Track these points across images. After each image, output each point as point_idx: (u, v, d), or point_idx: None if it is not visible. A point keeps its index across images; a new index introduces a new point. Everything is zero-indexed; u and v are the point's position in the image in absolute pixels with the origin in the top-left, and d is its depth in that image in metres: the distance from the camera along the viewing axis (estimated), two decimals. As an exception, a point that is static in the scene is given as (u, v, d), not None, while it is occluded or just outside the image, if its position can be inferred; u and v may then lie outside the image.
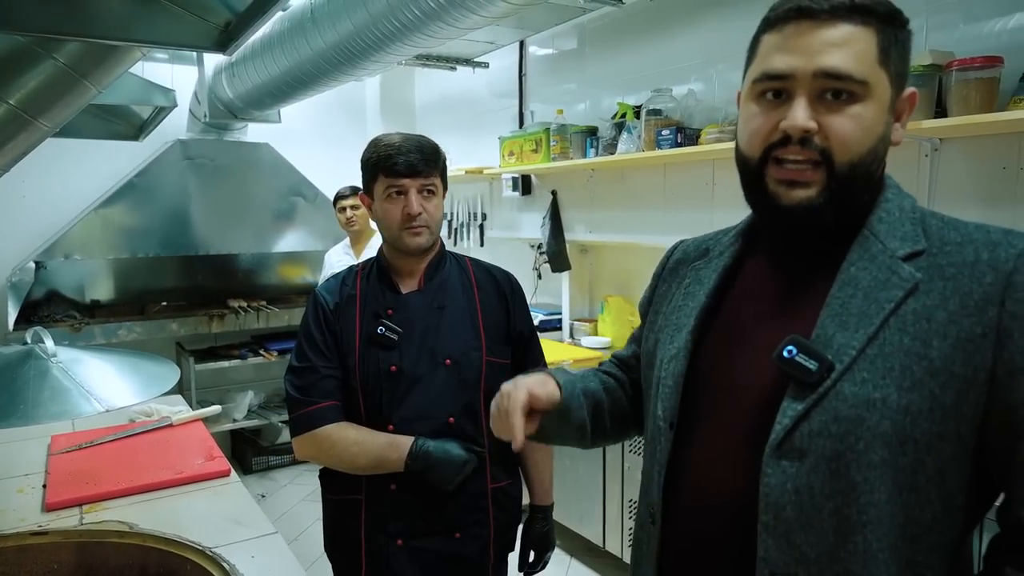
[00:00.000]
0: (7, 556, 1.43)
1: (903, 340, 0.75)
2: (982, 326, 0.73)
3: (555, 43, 3.80)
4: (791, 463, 0.77)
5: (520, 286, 1.71)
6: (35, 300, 4.00)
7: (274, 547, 1.39)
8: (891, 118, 0.81)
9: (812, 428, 0.76)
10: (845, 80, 0.76)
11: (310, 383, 1.54)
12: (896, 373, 0.74)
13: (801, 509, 0.77)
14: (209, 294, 4.40)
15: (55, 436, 2.02)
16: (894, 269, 0.78)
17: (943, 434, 0.74)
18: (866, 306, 0.77)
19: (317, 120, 4.77)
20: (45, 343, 2.10)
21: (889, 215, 0.82)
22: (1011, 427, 0.73)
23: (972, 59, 1.94)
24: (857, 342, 0.76)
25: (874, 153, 0.79)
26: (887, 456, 0.74)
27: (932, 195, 2.24)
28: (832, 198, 0.79)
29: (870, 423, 0.74)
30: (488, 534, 1.59)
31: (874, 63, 0.77)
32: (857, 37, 0.76)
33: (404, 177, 1.49)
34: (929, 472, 0.75)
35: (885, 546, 0.75)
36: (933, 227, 0.81)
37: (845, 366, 0.76)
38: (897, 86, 0.80)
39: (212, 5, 1.58)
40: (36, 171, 4.00)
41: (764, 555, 0.79)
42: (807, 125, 0.77)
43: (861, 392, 0.75)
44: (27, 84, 1.52)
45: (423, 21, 2.14)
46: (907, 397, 0.74)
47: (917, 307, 0.76)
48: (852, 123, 0.77)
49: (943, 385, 0.74)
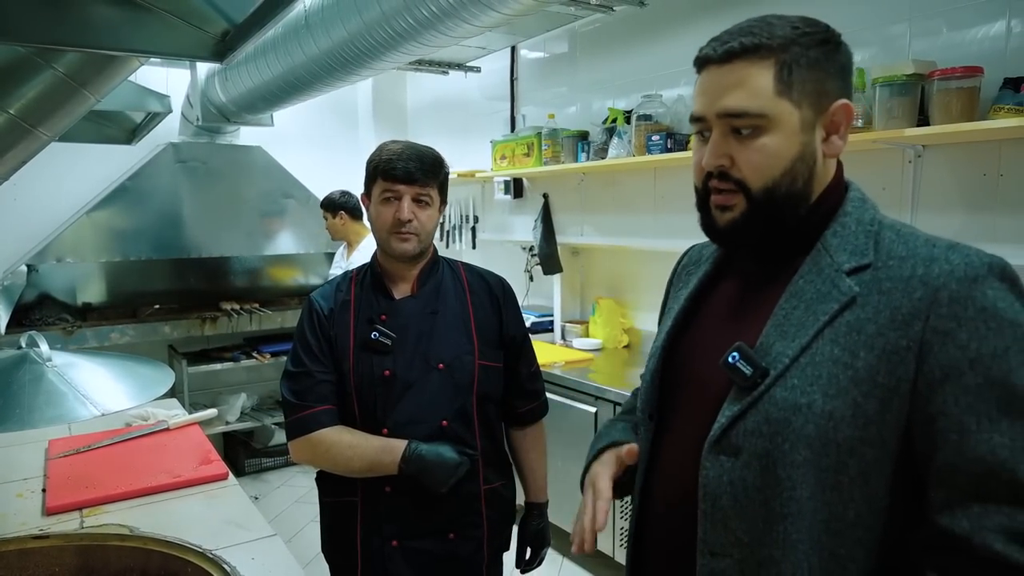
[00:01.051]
0: (9, 560, 1.45)
1: (833, 350, 0.81)
2: (907, 339, 0.78)
3: (547, 47, 3.84)
4: (728, 458, 0.85)
5: (512, 291, 1.74)
6: (27, 303, 3.99)
7: (274, 549, 1.41)
8: (812, 136, 0.85)
9: (747, 428, 0.84)
10: (744, 117, 0.84)
11: (306, 388, 1.57)
12: (823, 381, 0.80)
13: (735, 499, 0.85)
14: (202, 297, 4.40)
15: (52, 440, 2.04)
16: (836, 283, 0.83)
17: (865, 439, 0.79)
18: (805, 317, 0.83)
19: (309, 123, 4.79)
20: (40, 347, 2.12)
21: (844, 228, 0.87)
22: (930, 437, 0.77)
23: (953, 69, 2.00)
24: (792, 351, 0.82)
25: (791, 174, 0.85)
26: (810, 456, 0.80)
27: (915, 200, 2.29)
28: (753, 218, 0.87)
29: (795, 426, 0.81)
30: (482, 534, 1.62)
31: (771, 95, 0.83)
32: (752, 75, 0.83)
33: (399, 183, 1.52)
34: (852, 474, 0.80)
35: (805, 537, 0.81)
36: (885, 240, 0.85)
37: (778, 373, 0.83)
38: (813, 105, 0.84)
39: (210, 16, 1.60)
40: (28, 174, 3.97)
41: (703, 537, 0.87)
42: (710, 166, 0.87)
43: (790, 397, 0.81)
44: (27, 94, 1.54)
45: (417, 30, 2.17)
46: (831, 404, 0.79)
47: (851, 319, 0.81)
48: (758, 154, 0.84)
49: (866, 394, 0.79)
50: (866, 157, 2.40)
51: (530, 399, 1.72)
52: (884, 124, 2.12)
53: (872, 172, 2.40)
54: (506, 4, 1.97)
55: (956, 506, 0.75)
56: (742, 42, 0.84)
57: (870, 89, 2.17)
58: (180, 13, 1.58)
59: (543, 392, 1.76)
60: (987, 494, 0.74)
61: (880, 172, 2.38)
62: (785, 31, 0.83)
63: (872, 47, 2.39)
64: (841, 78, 0.87)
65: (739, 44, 0.84)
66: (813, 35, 0.84)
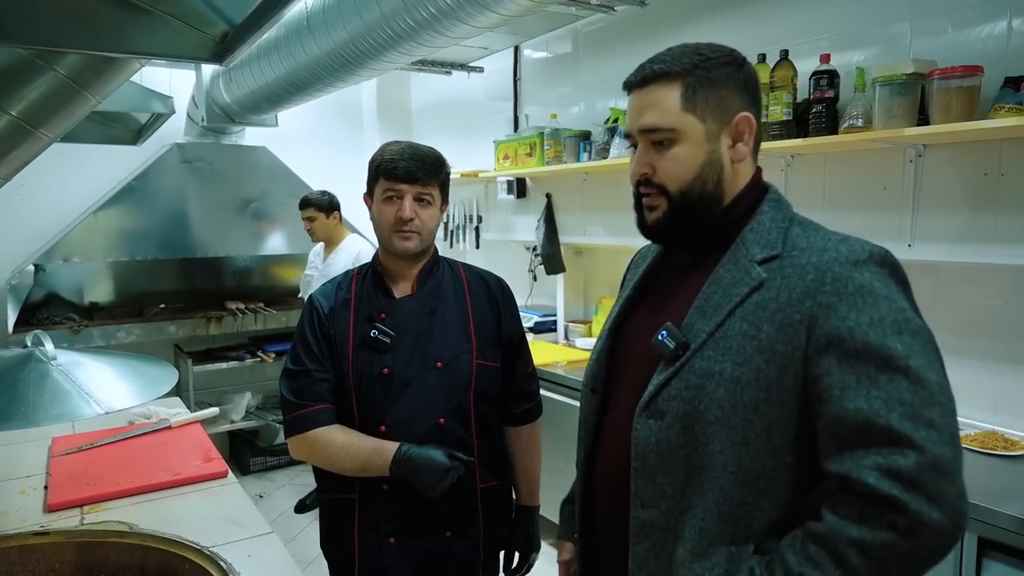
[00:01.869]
0: (10, 556, 1.47)
1: (742, 326, 0.95)
2: (800, 314, 0.91)
3: (550, 47, 3.84)
4: (655, 421, 0.99)
5: (511, 291, 1.75)
6: (34, 303, 4.03)
7: (270, 546, 1.42)
8: (718, 145, 1.01)
9: (671, 393, 0.98)
10: (657, 131, 1.00)
11: (304, 386, 1.58)
12: (733, 351, 0.95)
13: (661, 456, 0.98)
14: (207, 296, 4.44)
15: (56, 438, 2.06)
16: (749, 270, 0.98)
17: (768, 399, 0.93)
18: (722, 299, 0.98)
19: (314, 123, 4.81)
20: (45, 346, 2.14)
21: (760, 225, 1.01)
22: (818, 395, 0.90)
23: (953, 68, 1.99)
24: (709, 327, 0.97)
25: (702, 177, 1.01)
26: (721, 416, 0.94)
27: (916, 200, 2.28)
28: (674, 216, 1.03)
29: (709, 390, 0.95)
30: (478, 533, 1.63)
31: (679, 112, 0.99)
32: (661, 95, 1.00)
33: (401, 182, 1.53)
34: (757, 430, 0.93)
35: (716, 486, 0.94)
36: (794, 235, 0.99)
37: (697, 346, 0.97)
38: (717, 118, 1.00)
39: (209, 17, 1.61)
40: (35, 175, 4.02)
41: (635, 492, 1.01)
42: (636, 175, 1.05)
43: (706, 366, 0.96)
44: (29, 95, 1.55)
45: (416, 30, 2.18)
46: (739, 370, 0.94)
47: (758, 299, 0.95)
48: (671, 162, 1.01)
49: (767, 360, 0.93)
50: (866, 157, 2.40)
51: (526, 399, 1.73)
52: (884, 124, 2.11)
53: (872, 172, 2.40)
54: (503, 5, 1.98)
55: (841, 452, 0.87)
56: (654, 69, 1.00)
57: (870, 89, 2.17)
58: (180, 15, 1.59)
59: (538, 393, 1.77)
60: (866, 440, 0.85)
61: (881, 172, 2.37)
62: (690, 58, 1.00)
63: (873, 47, 2.39)
64: (744, 94, 1.01)
65: (651, 71, 1.00)
66: (715, 59, 1.00)
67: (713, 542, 0.94)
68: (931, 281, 2.30)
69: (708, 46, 1.02)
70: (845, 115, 2.23)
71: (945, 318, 2.26)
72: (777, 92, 2.37)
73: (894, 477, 0.81)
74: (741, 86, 1.01)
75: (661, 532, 0.99)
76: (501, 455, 1.72)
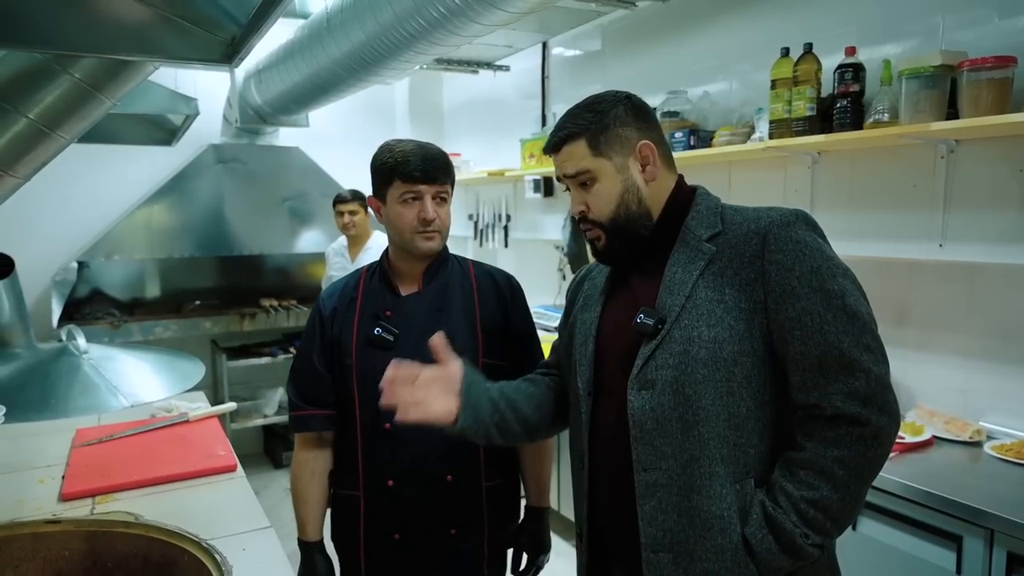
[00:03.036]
0: (23, 542, 1.52)
1: (707, 293, 1.10)
2: (754, 273, 1.08)
3: (578, 44, 3.81)
4: (646, 391, 1.12)
5: (520, 288, 1.74)
6: (79, 298, 4.19)
7: (265, 540, 1.45)
8: (629, 173, 1.18)
9: (657, 364, 1.11)
10: (578, 176, 1.19)
11: (301, 388, 1.64)
12: (705, 316, 1.09)
13: (657, 422, 1.11)
14: (242, 293, 4.55)
15: (80, 429, 2.13)
16: (700, 248, 1.14)
17: (743, 351, 1.08)
18: (684, 276, 1.13)
19: (348, 123, 4.87)
20: (77, 340, 2.23)
21: (699, 213, 1.18)
22: (783, 338, 1.07)
23: (984, 59, 1.89)
24: (679, 301, 1.12)
25: (624, 204, 1.18)
26: (707, 373, 1.08)
27: (948, 197, 2.18)
28: (614, 242, 1.20)
29: (692, 352, 1.09)
30: (483, 531, 1.63)
31: (589, 157, 1.18)
32: (572, 151, 1.19)
33: (421, 183, 1.53)
34: (739, 379, 1.08)
35: (714, 435, 1.08)
36: (728, 215, 1.16)
37: (673, 319, 1.11)
38: (620, 152, 1.18)
39: (220, 20, 1.65)
40: (79, 175, 4.19)
41: (636, 458, 1.13)
42: (574, 213, 1.23)
43: (684, 333, 1.10)
44: (45, 99, 1.60)
45: (428, 30, 2.19)
46: (713, 331, 1.08)
47: (715, 269, 1.11)
48: (596, 198, 1.19)
49: (736, 318, 1.08)
50: (895, 154, 2.30)
51: None
52: (911, 118, 2.03)
53: (902, 169, 2.30)
54: (510, 3, 1.97)
55: (808, 384, 1.06)
56: (560, 136, 1.20)
57: (896, 82, 2.08)
58: (192, 19, 1.62)
59: None
60: (827, 369, 1.03)
61: (910, 169, 2.28)
62: (584, 117, 1.19)
63: (905, 40, 2.29)
64: (637, 123, 1.18)
65: (558, 138, 1.21)
66: (604, 109, 1.18)
67: (723, 483, 1.08)
68: (966, 284, 2.20)
69: (596, 100, 1.20)
70: (871, 110, 2.15)
71: (982, 322, 2.16)
72: (800, 87, 2.30)
73: (855, 398, 1.01)
74: (633, 119, 1.18)
75: (665, 489, 1.11)
76: (508, 454, 1.70)
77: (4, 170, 1.63)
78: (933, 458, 1.97)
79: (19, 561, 1.52)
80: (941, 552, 1.73)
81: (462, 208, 4.82)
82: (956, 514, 1.68)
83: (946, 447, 2.04)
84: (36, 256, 3.89)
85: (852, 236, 2.46)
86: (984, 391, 2.17)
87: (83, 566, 1.53)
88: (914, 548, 1.78)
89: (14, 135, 1.61)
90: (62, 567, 1.52)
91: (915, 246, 2.27)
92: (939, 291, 2.26)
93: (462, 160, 4.42)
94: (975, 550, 1.66)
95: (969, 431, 2.05)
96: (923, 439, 2.04)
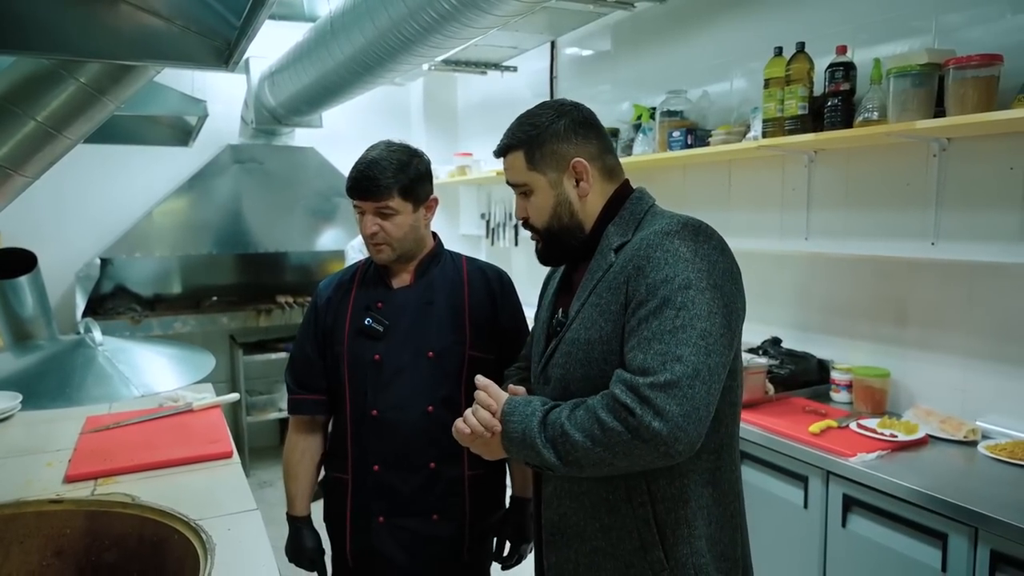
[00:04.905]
0: (28, 520, 1.62)
1: (595, 299, 1.19)
2: (624, 277, 1.15)
3: (586, 44, 3.83)
4: (546, 385, 1.26)
5: (511, 284, 1.79)
6: (103, 294, 4.35)
7: (250, 522, 1.51)
8: (562, 188, 1.26)
9: (554, 361, 1.25)
10: (518, 186, 1.30)
11: (296, 374, 1.74)
12: (587, 320, 1.19)
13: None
14: (260, 290, 4.67)
15: (90, 417, 2.23)
16: (606, 256, 1.22)
17: (612, 350, 1.16)
18: (588, 283, 1.23)
19: (364, 124, 4.95)
20: (93, 333, 2.34)
21: (621, 219, 1.25)
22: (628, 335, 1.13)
23: (969, 57, 1.89)
24: (579, 305, 1.22)
25: (556, 215, 1.27)
26: (583, 372, 1.19)
27: (940, 196, 2.18)
28: (549, 247, 1.32)
29: (572, 353, 1.21)
30: (464, 518, 1.69)
31: (525, 170, 1.27)
32: (512, 161, 1.29)
33: (358, 200, 1.62)
34: (608, 375, 1.13)
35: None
36: (645, 222, 1.22)
37: (570, 320, 1.23)
38: (555, 168, 1.25)
39: (217, 24, 1.72)
40: (102, 175, 4.34)
41: None
42: (518, 218, 1.34)
43: (572, 336, 1.21)
44: (52, 102, 1.70)
45: (423, 34, 2.25)
46: (588, 333, 1.19)
47: (609, 277, 1.19)
48: (533, 208, 1.30)
49: (606, 320, 1.17)
50: (889, 152, 2.30)
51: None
52: (898, 116, 2.03)
53: (895, 168, 2.30)
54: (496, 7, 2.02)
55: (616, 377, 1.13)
56: (502, 145, 1.30)
57: (885, 81, 2.08)
58: (191, 24, 1.70)
59: None
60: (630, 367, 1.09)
61: (904, 167, 2.27)
62: (524, 130, 1.27)
63: (897, 40, 2.29)
64: (574, 138, 1.25)
65: (502, 146, 1.31)
66: (543, 124, 1.25)
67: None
68: (962, 282, 2.18)
69: (538, 112, 1.28)
70: (861, 108, 2.16)
71: (979, 322, 2.15)
72: (792, 86, 2.31)
73: (632, 391, 1.06)
74: (572, 134, 1.25)
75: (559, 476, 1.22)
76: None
77: (14, 169, 1.73)
78: (926, 457, 1.97)
79: (24, 537, 1.61)
80: (927, 550, 1.73)
81: (474, 207, 4.88)
82: (941, 512, 1.68)
83: (941, 446, 2.03)
84: (62, 253, 4.05)
85: (849, 235, 2.46)
86: (983, 391, 2.15)
87: (83, 543, 1.62)
88: (901, 545, 1.79)
89: (23, 136, 1.70)
90: (63, 544, 1.62)
91: (908, 244, 2.26)
92: (938, 290, 2.25)
93: (473, 160, 4.47)
94: (960, 548, 1.66)
95: (964, 430, 2.04)
96: (916, 438, 2.04)
